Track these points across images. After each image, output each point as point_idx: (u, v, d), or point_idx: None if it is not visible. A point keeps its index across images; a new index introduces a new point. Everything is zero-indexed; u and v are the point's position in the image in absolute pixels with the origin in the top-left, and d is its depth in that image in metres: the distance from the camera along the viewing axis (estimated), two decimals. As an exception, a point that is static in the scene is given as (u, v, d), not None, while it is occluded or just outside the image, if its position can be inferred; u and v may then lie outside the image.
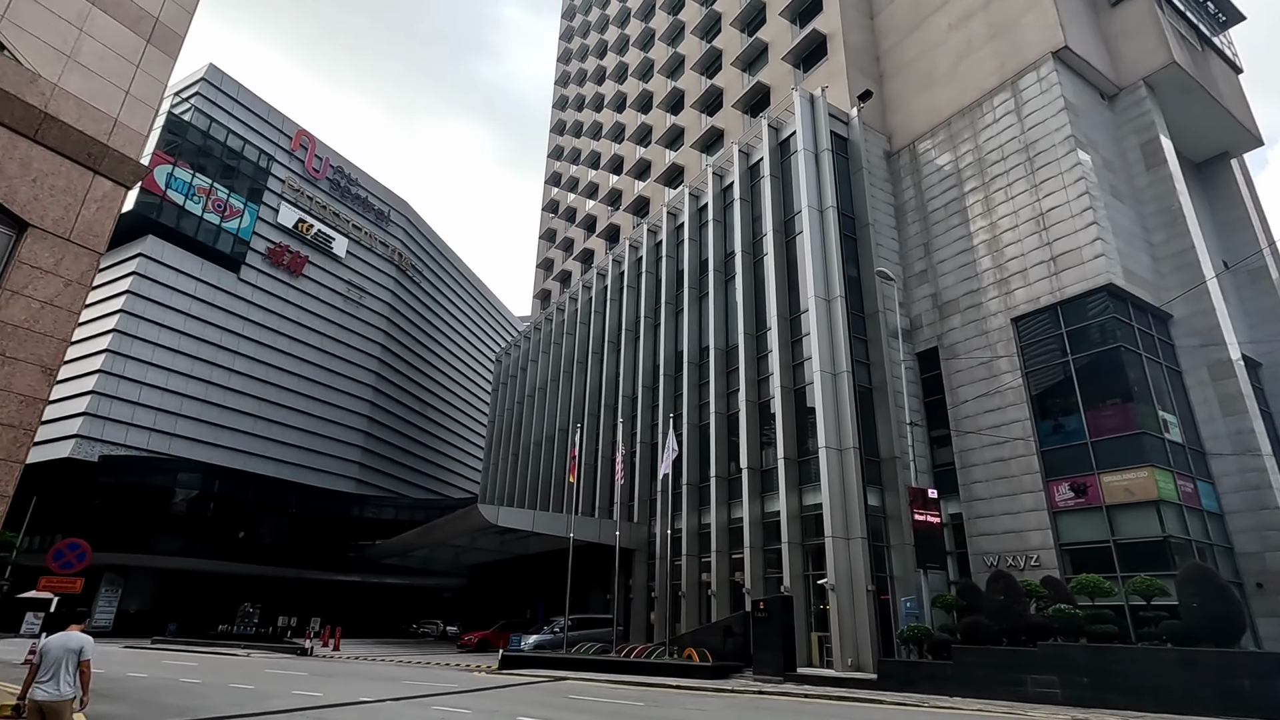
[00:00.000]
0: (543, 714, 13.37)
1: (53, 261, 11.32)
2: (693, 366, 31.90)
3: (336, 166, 61.16)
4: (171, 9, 14.12)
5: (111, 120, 12.64)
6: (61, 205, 11.63)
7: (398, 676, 21.03)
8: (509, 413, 53.07)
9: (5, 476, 10.45)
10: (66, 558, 12.37)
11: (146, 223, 46.53)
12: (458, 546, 39.10)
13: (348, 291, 60.50)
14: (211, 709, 12.92)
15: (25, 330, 10.88)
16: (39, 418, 10.98)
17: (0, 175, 10.95)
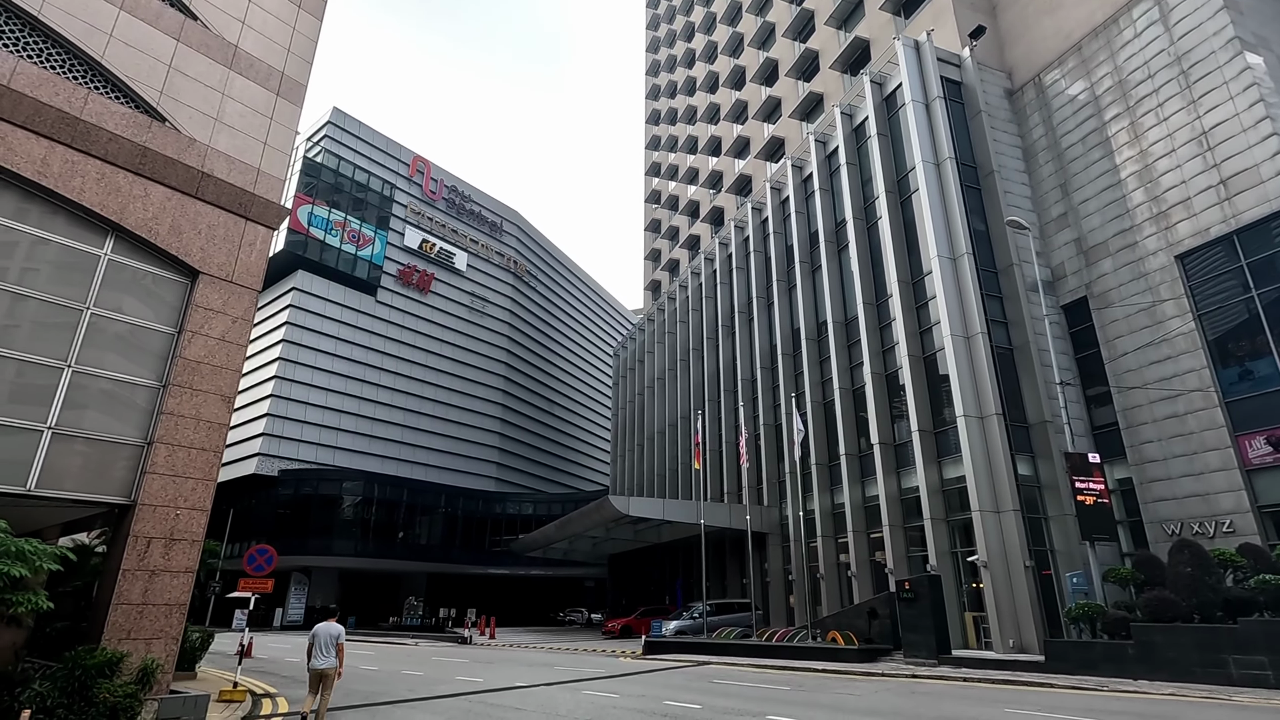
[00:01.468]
0: (689, 698, 13.52)
1: (221, 302, 12.74)
2: (811, 343, 30.90)
3: (450, 186, 64.81)
4: (294, 62, 15.44)
5: (255, 170, 14.04)
6: (223, 252, 13.07)
7: (549, 662, 22.08)
8: (631, 404, 54.06)
9: (203, 493, 11.94)
10: (258, 561, 14.04)
11: (296, 259, 51.65)
12: (594, 537, 40.42)
13: (471, 303, 64.04)
14: (390, 693, 14.19)
15: (206, 365, 12.34)
16: (224, 441, 12.45)
17: (173, 231, 12.46)
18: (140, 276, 12.12)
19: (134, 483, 11.31)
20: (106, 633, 10.32)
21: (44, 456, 10.48)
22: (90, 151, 11.67)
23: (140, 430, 11.58)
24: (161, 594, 11.05)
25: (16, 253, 10.93)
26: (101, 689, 9.00)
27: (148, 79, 12.87)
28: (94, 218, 11.65)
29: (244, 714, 11.35)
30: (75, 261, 11.42)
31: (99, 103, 11.98)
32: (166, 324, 12.24)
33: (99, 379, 11.29)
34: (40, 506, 11.20)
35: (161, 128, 12.77)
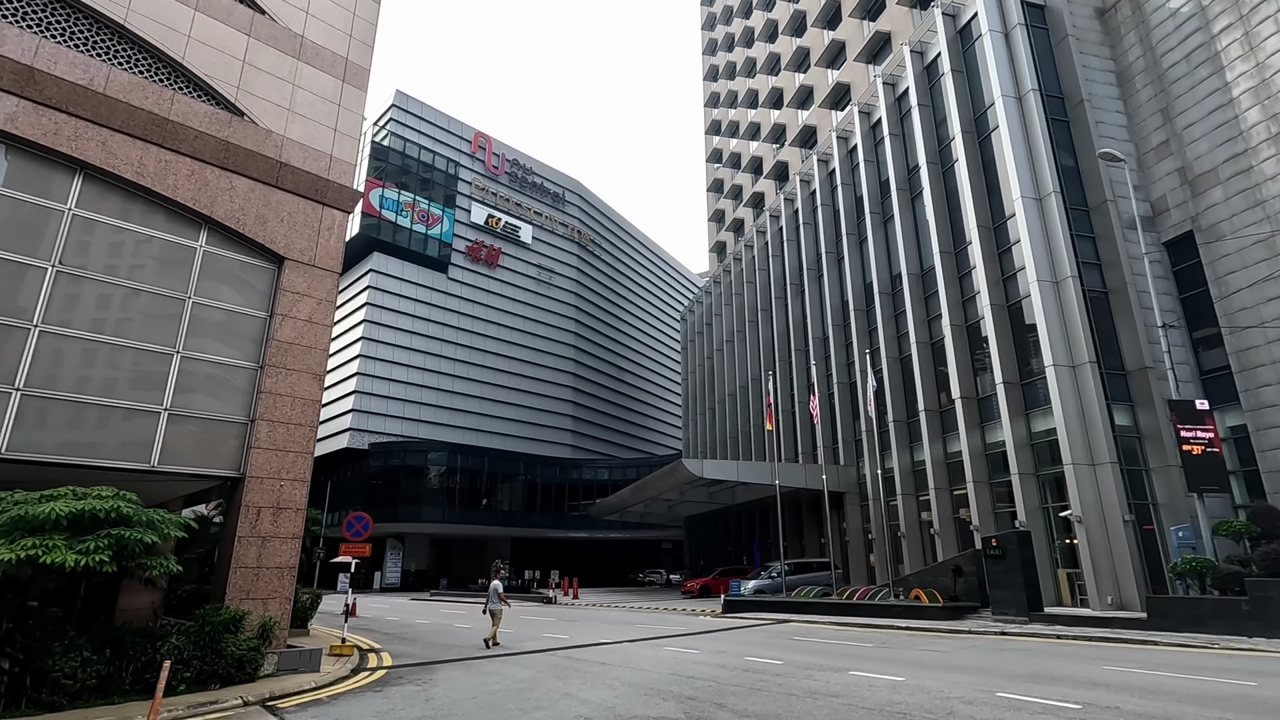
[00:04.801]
0: (770, 654, 13.67)
1: (305, 285, 13.40)
2: (885, 297, 29.83)
3: (512, 159, 65.43)
4: (356, 47, 15.81)
5: (328, 157, 14.56)
6: (305, 237, 13.70)
7: (631, 620, 22.74)
8: (701, 368, 53.98)
9: (303, 465, 12.77)
10: (355, 528, 15.00)
11: (371, 241, 53.68)
12: (669, 500, 40.98)
13: (538, 274, 65.00)
14: (484, 650, 14.98)
15: (297, 345, 13.07)
16: (318, 416, 13.21)
17: (258, 220, 13.14)
18: (232, 265, 12.90)
19: (242, 457, 12.22)
20: (228, 593, 11.31)
21: (163, 436, 11.44)
22: (180, 150, 12.40)
23: (243, 409, 12.45)
24: (273, 558, 11.98)
25: (124, 251, 11.82)
26: (228, 643, 9.92)
27: (224, 76, 13.49)
28: (188, 212, 12.42)
29: (353, 666, 12.26)
30: (175, 255, 12.25)
31: (183, 103, 12.67)
32: (258, 309, 13.02)
33: (204, 363, 12.17)
34: (163, 481, 12.29)
35: (240, 122, 13.41)
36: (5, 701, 7.93)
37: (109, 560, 8.23)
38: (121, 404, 11.20)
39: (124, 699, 8.76)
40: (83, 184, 11.48)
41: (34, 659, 8.15)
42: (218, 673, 9.81)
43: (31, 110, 10.99)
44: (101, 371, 11.20)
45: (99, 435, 10.98)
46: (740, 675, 11.14)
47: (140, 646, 9.09)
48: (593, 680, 10.95)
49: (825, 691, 9.59)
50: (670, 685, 10.36)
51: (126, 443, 11.14)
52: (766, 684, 10.26)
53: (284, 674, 10.99)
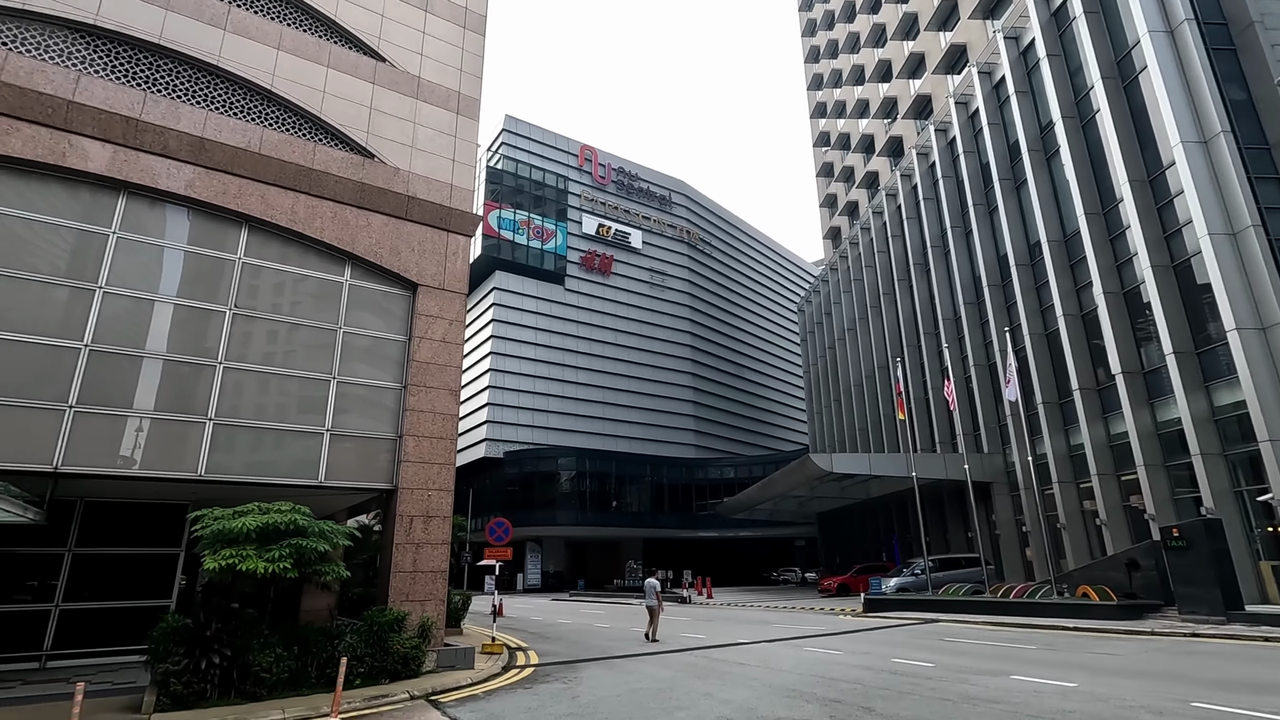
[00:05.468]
0: (919, 656, 12.98)
1: (438, 308, 14.34)
2: (1022, 269, 27.48)
3: (617, 168, 66.76)
4: (467, 80, 16.73)
5: (449, 186, 15.52)
6: (434, 263, 14.67)
7: (766, 620, 22.40)
8: (822, 359, 52.29)
9: (446, 476, 13.66)
10: (497, 533, 15.87)
11: (493, 261, 56.74)
12: (799, 497, 39.98)
13: (651, 277, 65.78)
14: (624, 649, 15.34)
15: (433, 364, 14.01)
16: (456, 429, 14.09)
17: (393, 252, 14.22)
18: (373, 295, 14.08)
19: (393, 471, 13.30)
20: (390, 596, 12.33)
21: (327, 454, 12.69)
22: (323, 195, 13.72)
23: (392, 426, 13.55)
24: (426, 563, 12.92)
25: (284, 290, 13.24)
26: (394, 641, 10.81)
27: (355, 123, 14.78)
28: (334, 250, 13.71)
29: (503, 664, 12.97)
30: (325, 290, 13.56)
31: (323, 152, 14.01)
32: (398, 333, 14.12)
33: (355, 386, 13.37)
34: (329, 495, 13.61)
35: (371, 163, 14.63)
36: (220, 690, 9.12)
37: (291, 567, 9.24)
38: (291, 427, 12.55)
39: (311, 691, 9.79)
40: (248, 234, 12.99)
41: (239, 654, 9.31)
42: (386, 668, 10.72)
43: (205, 175, 12.59)
44: (273, 399, 12.60)
45: (274, 455, 12.36)
46: (887, 678, 10.66)
47: (321, 644, 10.13)
48: (732, 681, 10.89)
49: (984, 697, 8.96)
50: (812, 687, 10.10)
51: (297, 461, 12.46)
52: (917, 687, 9.74)
53: (442, 670, 11.82)
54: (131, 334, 11.53)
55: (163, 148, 12.27)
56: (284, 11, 14.81)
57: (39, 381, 10.57)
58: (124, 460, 11.00)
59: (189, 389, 11.76)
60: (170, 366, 11.70)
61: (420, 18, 16.54)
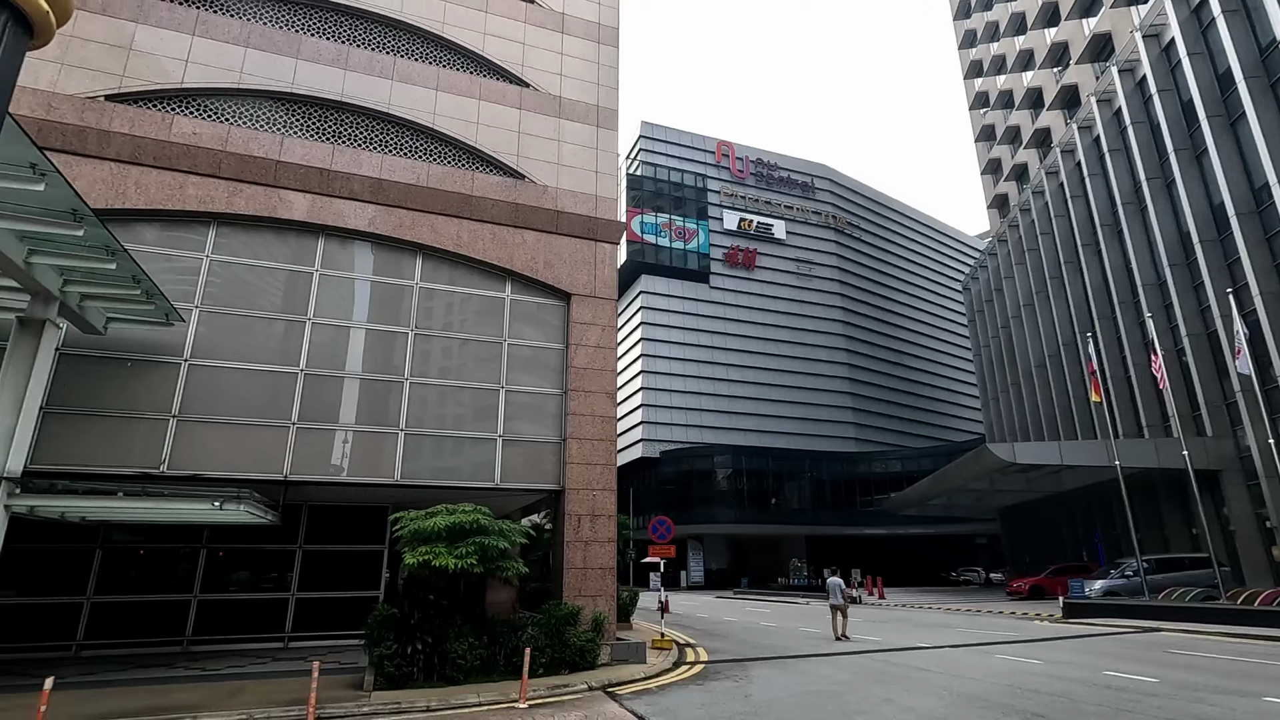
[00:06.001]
0: (1138, 669, 11.44)
1: (590, 315, 14.91)
2: (1246, 218, 23.33)
3: (755, 160, 65.67)
4: (604, 93, 17.25)
5: (594, 198, 16.09)
6: (584, 273, 15.27)
7: (947, 623, 20.86)
8: (995, 341, 47.84)
9: (608, 476, 14.15)
10: (659, 531, 16.20)
11: (638, 265, 58.15)
12: (976, 490, 36.82)
13: (797, 268, 63.94)
14: (792, 648, 15.02)
15: (590, 370, 14.57)
16: (615, 431, 14.55)
17: (546, 266, 14.97)
18: (531, 308, 14.94)
19: (560, 472, 14.01)
20: (565, 591, 12.99)
21: (501, 458, 13.65)
22: (482, 218, 14.80)
23: (556, 430, 14.29)
24: (595, 560, 13.47)
25: (454, 309, 14.44)
26: (570, 634, 11.38)
27: (506, 148, 15.78)
28: (494, 269, 14.74)
29: (673, 660, 13.19)
30: (489, 306, 14.61)
31: (481, 179, 15.12)
32: (556, 342, 14.87)
33: (521, 394, 14.26)
34: (504, 496, 14.62)
35: (522, 183, 15.55)
36: (425, 673, 10.13)
37: (476, 563, 10.05)
38: (468, 434, 13.65)
39: (501, 678, 10.57)
40: (422, 261, 14.33)
41: (438, 642, 10.28)
42: (565, 660, 11.31)
43: (383, 211, 14.07)
44: (451, 409, 13.78)
45: (456, 461, 13.51)
46: (1099, 693, 9.49)
47: (506, 635, 10.91)
48: (914, 687, 10.25)
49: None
50: (1008, 698, 9.24)
51: (475, 466, 13.52)
52: (1139, 705, 8.58)
53: (616, 664, 12.25)
54: (334, 358, 13.15)
55: (349, 191, 13.88)
56: (439, 55, 16.17)
57: (268, 404, 12.36)
58: (334, 468, 12.56)
59: (381, 404, 13.19)
60: (365, 384, 13.20)
61: (558, 40, 17.32)
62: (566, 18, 17.55)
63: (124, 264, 9.54)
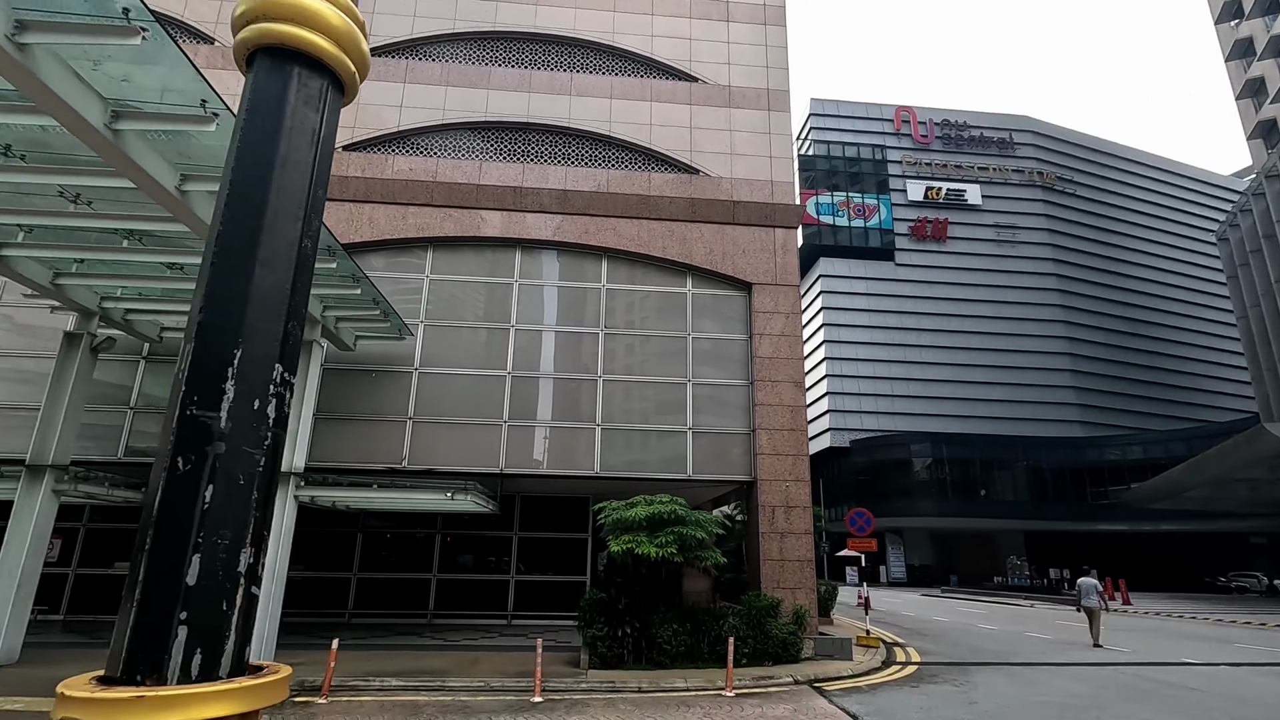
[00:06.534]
0: None
1: (772, 304, 14.64)
2: None
3: (940, 121, 60.24)
4: (774, 75, 16.84)
5: (769, 183, 15.77)
6: (763, 261, 15.04)
7: (1223, 637, 17.63)
8: (1266, 300, 39.45)
9: (801, 467, 13.82)
10: (858, 523, 15.49)
11: (816, 248, 56.06)
12: (1250, 480, 30.65)
13: (997, 235, 57.68)
14: (1020, 654, 13.61)
15: (775, 359, 14.32)
16: (805, 420, 14.18)
17: (725, 258, 14.95)
18: (711, 301, 15.01)
19: (750, 463, 13.93)
20: (762, 582, 12.90)
21: (691, 450, 13.90)
22: (660, 216, 15.14)
23: (744, 422, 14.23)
24: (792, 551, 13.22)
25: (637, 307, 14.93)
26: (771, 626, 11.28)
27: (679, 145, 15.99)
28: (674, 265, 15.01)
29: (882, 659, 12.54)
30: (671, 302, 14.91)
31: (657, 178, 15.48)
32: (739, 333, 14.79)
33: (707, 387, 14.39)
34: (696, 487, 14.85)
35: (697, 178, 15.66)
36: (633, 656, 10.62)
37: (676, 552, 10.32)
38: (659, 428, 14.06)
39: (705, 665, 10.76)
40: (606, 263, 15.00)
41: (645, 627, 10.72)
42: (767, 652, 11.23)
43: (569, 220, 14.94)
44: (641, 404, 14.28)
45: (648, 454, 13.97)
46: None
47: (709, 623, 11.08)
48: (1182, 709, 8.79)
49: None
50: (1322, 732, 7.57)
51: (666, 458, 13.88)
52: None
53: (820, 659, 11.92)
54: (534, 360, 14.23)
55: (539, 205, 14.93)
56: (611, 64, 16.80)
57: (483, 405, 13.70)
58: (540, 462, 13.60)
59: (578, 401, 14.03)
60: (563, 384, 14.12)
61: (723, 29, 17.19)
62: (731, 5, 17.36)
63: (366, 289, 11.09)
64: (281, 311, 1.40)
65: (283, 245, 1.42)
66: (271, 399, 1.36)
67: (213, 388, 1.29)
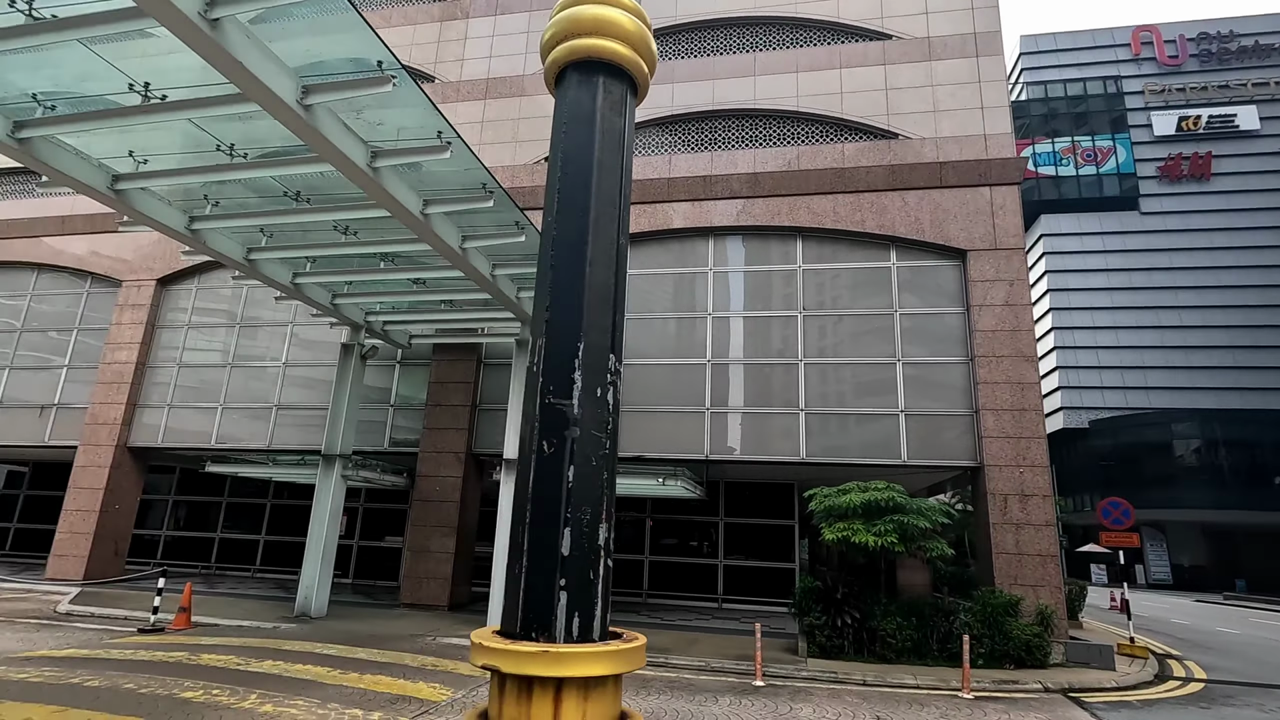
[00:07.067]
0: None
1: (994, 271, 13.25)
2: None
3: (1195, 36, 50.04)
4: (980, 16, 15.19)
5: (981, 137, 14.27)
6: (980, 225, 13.66)
7: None
8: None
9: (1037, 450, 12.40)
10: (1114, 515, 13.50)
11: (1035, 206, 49.48)
12: None
13: None
14: (1347, 680, 11.00)
15: (999, 332, 12.96)
16: (1039, 399, 12.66)
17: (933, 225, 13.79)
18: (920, 273, 13.91)
19: (975, 447, 12.73)
20: (996, 577, 11.75)
21: (905, 434, 13.04)
22: (856, 189, 14.34)
23: (965, 402, 13.02)
24: (1030, 545, 11.87)
25: (837, 285, 14.26)
26: (1011, 626, 10.24)
27: (873, 110, 15.00)
28: (875, 239, 14.14)
29: (1154, 672, 10.84)
30: (874, 278, 14.05)
31: (851, 149, 14.67)
32: (954, 306, 13.55)
33: (919, 366, 13.38)
34: (909, 474, 13.92)
35: (896, 143, 14.58)
36: (854, 648, 10.26)
37: (897, 541, 9.76)
38: (867, 411, 13.35)
39: (934, 663, 10.06)
40: (801, 243, 14.55)
41: (864, 618, 10.30)
42: (1007, 653, 10.21)
43: (759, 203, 14.71)
44: (847, 387, 13.66)
45: (855, 438, 13.33)
46: None
47: (936, 619, 10.33)
48: None
49: None
50: None
51: (875, 443, 13.12)
52: None
53: (1073, 666, 10.59)
54: (730, 347, 14.23)
55: (729, 191, 14.88)
56: (793, 36, 16.22)
57: (686, 393, 14.01)
58: (744, 448, 13.58)
59: (780, 386, 13.79)
60: (762, 369, 13.95)
61: (918, -24, 15.78)
62: (926, -53, 15.87)
63: (575, 288, 11.85)
64: (610, 304, 1.52)
65: (606, 243, 1.55)
66: (609, 386, 1.49)
67: (564, 378, 1.44)
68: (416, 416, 15.28)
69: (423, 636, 10.79)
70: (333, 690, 7.34)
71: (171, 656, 8.55)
